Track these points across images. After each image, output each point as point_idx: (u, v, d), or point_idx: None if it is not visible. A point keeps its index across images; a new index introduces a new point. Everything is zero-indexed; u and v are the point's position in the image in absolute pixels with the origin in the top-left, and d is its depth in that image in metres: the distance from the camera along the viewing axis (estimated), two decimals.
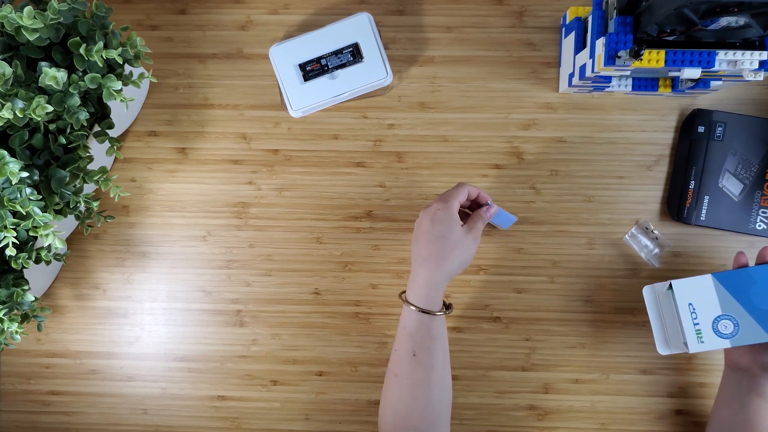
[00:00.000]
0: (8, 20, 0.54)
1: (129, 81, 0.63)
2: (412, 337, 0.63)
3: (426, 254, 0.63)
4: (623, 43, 0.59)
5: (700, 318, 0.62)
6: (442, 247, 0.63)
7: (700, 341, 0.62)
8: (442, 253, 0.63)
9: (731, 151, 0.73)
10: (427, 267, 0.63)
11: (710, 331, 0.62)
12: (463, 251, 0.63)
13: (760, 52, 0.59)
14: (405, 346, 0.64)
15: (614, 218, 0.76)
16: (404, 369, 0.64)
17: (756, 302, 0.61)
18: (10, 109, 0.54)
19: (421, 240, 0.64)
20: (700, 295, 0.62)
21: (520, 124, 0.76)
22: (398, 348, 0.65)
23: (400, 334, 0.65)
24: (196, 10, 0.77)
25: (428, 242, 0.63)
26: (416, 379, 0.63)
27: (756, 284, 0.61)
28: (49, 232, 0.59)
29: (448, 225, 0.63)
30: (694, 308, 0.62)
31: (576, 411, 0.77)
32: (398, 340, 0.65)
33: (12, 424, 0.80)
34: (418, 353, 0.63)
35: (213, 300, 0.78)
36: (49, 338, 0.79)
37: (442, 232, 0.63)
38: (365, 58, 0.71)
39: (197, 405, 0.79)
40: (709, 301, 0.62)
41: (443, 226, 0.63)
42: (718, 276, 0.62)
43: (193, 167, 0.78)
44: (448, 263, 0.63)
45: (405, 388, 0.63)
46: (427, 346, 0.63)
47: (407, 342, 0.64)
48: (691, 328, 0.62)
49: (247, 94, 0.77)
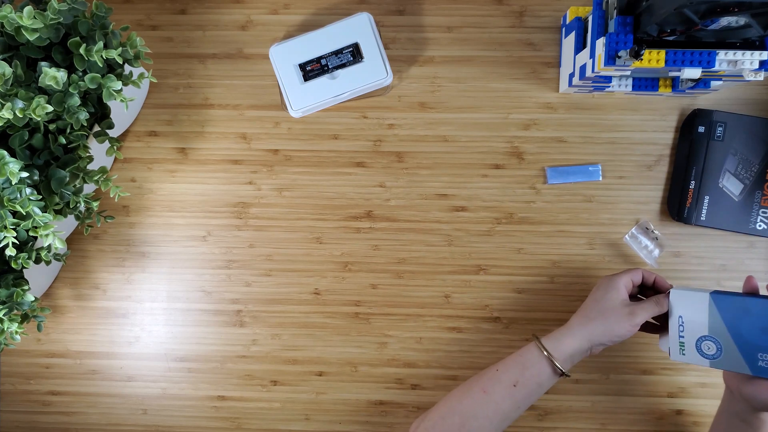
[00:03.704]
0: (8, 20, 0.54)
1: (129, 81, 0.63)
2: (524, 372, 0.62)
3: (579, 311, 0.64)
4: (623, 43, 0.59)
5: (687, 333, 0.61)
6: (591, 309, 0.63)
7: (681, 353, 0.61)
8: (589, 314, 0.63)
9: (731, 151, 0.73)
10: (573, 321, 0.64)
11: (693, 347, 0.61)
12: (612, 323, 0.61)
13: (760, 52, 0.59)
14: (510, 375, 0.63)
15: (614, 218, 0.76)
16: (497, 394, 0.62)
17: (745, 334, 0.58)
18: (10, 109, 0.54)
19: (589, 296, 0.65)
20: (692, 311, 0.61)
21: (520, 124, 0.76)
22: (501, 371, 0.64)
23: (513, 360, 0.64)
24: (196, 10, 0.77)
25: (587, 303, 0.65)
26: (503, 408, 0.62)
27: (751, 317, 0.58)
28: (49, 232, 0.58)
29: (604, 291, 0.63)
30: (683, 321, 0.61)
31: (576, 411, 0.77)
32: (507, 363, 0.64)
33: (12, 424, 0.80)
34: (520, 388, 0.62)
35: (213, 300, 0.78)
36: (49, 338, 0.79)
37: (597, 296, 0.63)
38: (365, 58, 0.71)
39: (197, 405, 0.79)
40: (698, 319, 0.60)
41: (600, 291, 0.64)
42: (716, 297, 0.60)
43: (193, 167, 0.78)
44: (591, 327, 0.62)
45: (486, 410, 0.62)
46: (529, 387, 0.62)
47: (516, 371, 0.63)
48: (675, 339, 0.62)
49: (247, 94, 0.77)
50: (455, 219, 0.77)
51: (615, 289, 0.63)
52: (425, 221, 0.77)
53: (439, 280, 0.77)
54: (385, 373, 0.78)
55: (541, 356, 0.62)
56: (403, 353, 0.78)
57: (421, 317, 0.77)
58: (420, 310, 0.77)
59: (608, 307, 0.62)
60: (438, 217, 0.77)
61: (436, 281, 0.77)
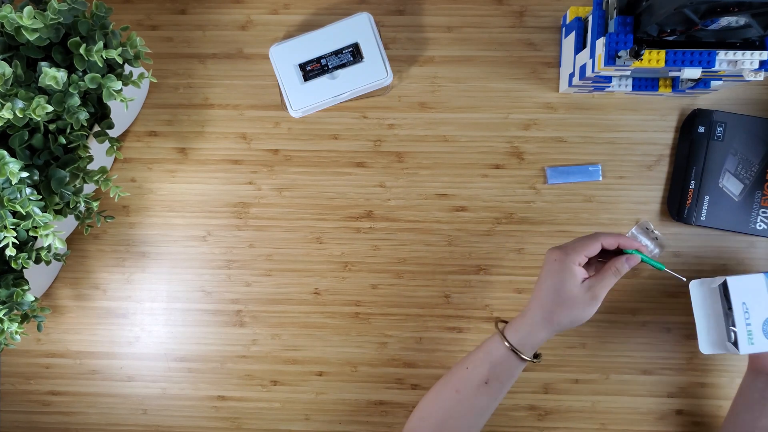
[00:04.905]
0: (8, 20, 0.54)
1: (129, 81, 0.63)
2: (493, 368, 0.60)
3: (538, 299, 0.60)
4: (623, 43, 0.59)
5: (752, 318, 0.61)
6: (553, 301, 0.58)
7: (750, 342, 0.61)
8: (551, 306, 0.58)
9: (731, 151, 0.73)
10: (536, 313, 0.59)
11: (760, 332, 0.61)
12: (578, 311, 0.58)
13: (760, 52, 0.59)
14: (479, 372, 0.61)
15: (614, 218, 0.76)
16: (469, 391, 0.61)
17: None
18: (10, 109, 0.54)
19: (538, 283, 0.61)
20: (754, 294, 0.61)
21: (520, 124, 0.76)
22: (470, 369, 0.61)
23: (480, 359, 0.61)
24: (196, 10, 0.77)
25: (541, 289, 0.60)
26: (478, 405, 0.61)
27: None
28: (49, 232, 0.58)
29: (560, 279, 0.58)
30: (747, 308, 0.61)
31: (576, 411, 0.77)
32: (474, 361, 0.62)
33: (12, 424, 0.80)
34: (492, 383, 0.60)
35: (213, 300, 0.78)
36: (49, 338, 0.79)
37: (554, 285, 0.58)
38: (365, 58, 0.71)
39: (197, 405, 0.79)
40: (761, 301, 0.60)
41: (555, 278, 0.58)
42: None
43: (193, 167, 0.78)
44: (557, 318, 0.58)
45: (461, 408, 0.61)
46: (501, 380, 0.60)
47: (484, 369, 0.60)
48: (743, 329, 0.61)
49: (247, 94, 0.77)
50: (455, 219, 0.77)
51: (571, 275, 0.58)
52: (425, 221, 0.77)
53: (439, 280, 0.77)
54: (385, 373, 0.78)
55: (509, 352, 0.60)
56: (403, 353, 0.78)
57: (421, 317, 0.77)
58: (420, 310, 0.77)
59: (569, 298, 0.58)
60: (438, 217, 0.77)
61: (436, 281, 0.77)
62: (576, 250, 0.58)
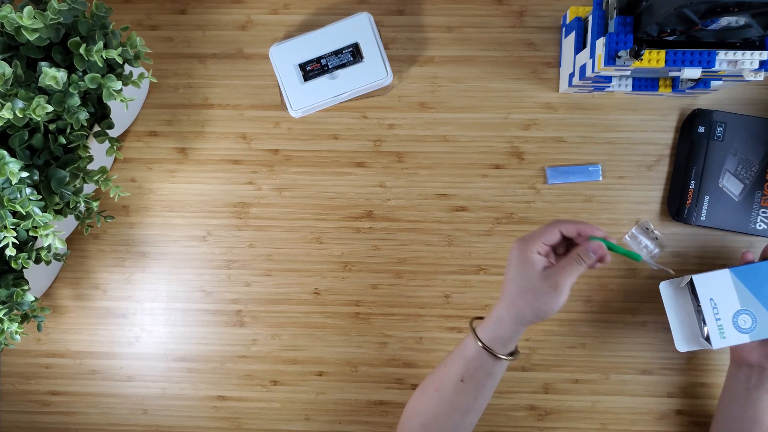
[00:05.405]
0: (8, 20, 0.54)
1: (129, 81, 0.63)
2: (467, 365, 0.59)
3: (504, 291, 0.59)
4: (623, 43, 0.59)
5: (721, 313, 0.63)
6: (514, 293, 0.57)
7: (722, 336, 0.63)
8: (514, 298, 0.57)
9: (731, 151, 0.73)
10: (502, 305, 0.58)
11: (731, 326, 0.62)
12: (537, 300, 0.55)
13: (760, 52, 0.59)
14: (455, 369, 0.60)
15: (614, 218, 0.76)
16: (448, 389, 0.60)
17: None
18: (10, 109, 0.54)
19: (505, 275, 0.59)
20: (720, 290, 0.63)
21: (520, 124, 0.76)
22: (448, 366, 0.61)
23: (457, 355, 0.61)
24: (196, 10, 0.77)
25: (504, 282, 0.58)
26: (458, 403, 0.60)
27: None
28: (49, 232, 0.59)
29: (519, 269, 0.56)
30: (715, 303, 0.63)
31: (576, 411, 0.77)
32: (452, 359, 0.61)
33: (12, 424, 0.80)
34: (467, 381, 0.59)
35: (213, 300, 0.78)
36: (49, 338, 0.79)
37: (513, 275, 0.57)
38: (365, 58, 0.71)
39: (197, 405, 0.79)
40: (728, 295, 0.62)
41: (514, 269, 0.57)
42: (735, 271, 0.63)
43: (193, 167, 0.78)
44: (519, 311, 0.56)
45: (443, 406, 0.60)
46: (477, 379, 0.59)
47: (460, 367, 0.60)
48: (713, 324, 0.63)
49: (247, 94, 0.77)
50: (455, 219, 0.77)
51: (529, 263, 0.56)
52: (425, 221, 0.77)
53: (439, 280, 0.77)
54: (385, 373, 0.78)
55: (481, 350, 0.58)
56: (403, 353, 0.78)
57: (421, 317, 0.77)
58: (420, 310, 0.77)
59: (528, 287, 0.55)
60: (438, 217, 0.77)
61: (436, 281, 0.77)
62: (534, 238, 0.56)
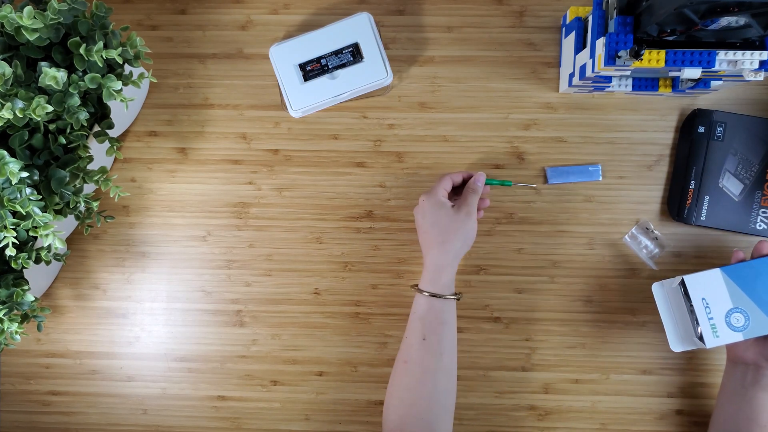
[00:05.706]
0: (8, 20, 0.54)
1: (129, 81, 0.63)
2: (423, 322, 0.66)
3: (428, 243, 0.68)
4: (623, 43, 0.59)
5: (714, 312, 0.63)
6: (439, 233, 0.66)
7: (715, 336, 0.62)
8: (440, 237, 0.66)
9: (731, 151, 0.73)
10: (431, 254, 0.67)
11: (724, 325, 0.62)
12: (461, 229, 0.66)
13: (760, 52, 0.59)
14: (415, 333, 0.66)
15: (614, 218, 0.76)
16: (413, 355, 0.65)
17: (763, 294, 0.62)
18: (10, 109, 0.54)
19: (420, 233, 0.69)
20: (712, 290, 0.63)
21: (520, 124, 0.76)
22: (408, 335, 0.67)
23: (411, 320, 0.67)
24: (196, 10, 0.77)
25: (425, 233, 0.68)
26: (425, 365, 0.64)
27: (762, 276, 0.62)
28: (49, 232, 0.58)
29: (435, 211, 0.67)
30: (707, 303, 0.63)
31: (576, 411, 0.77)
32: (409, 327, 0.67)
33: (12, 424, 0.80)
34: (428, 337, 0.65)
35: (213, 300, 0.78)
36: (49, 338, 0.79)
37: (433, 219, 0.67)
38: (365, 58, 0.71)
39: (197, 405, 0.79)
40: (720, 294, 0.62)
41: (431, 213, 0.67)
42: (726, 270, 0.63)
43: (193, 167, 0.78)
44: (450, 245, 0.66)
45: (413, 374, 0.65)
46: (436, 331, 0.65)
47: (418, 327, 0.66)
48: (706, 323, 0.63)
49: (247, 94, 0.77)
50: None
51: (441, 204, 0.67)
52: None
53: None
54: (385, 373, 0.78)
55: (430, 300, 0.66)
56: None
57: None
58: None
59: (449, 224, 0.66)
60: None
61: None
62: (436, 189, 0.68)
